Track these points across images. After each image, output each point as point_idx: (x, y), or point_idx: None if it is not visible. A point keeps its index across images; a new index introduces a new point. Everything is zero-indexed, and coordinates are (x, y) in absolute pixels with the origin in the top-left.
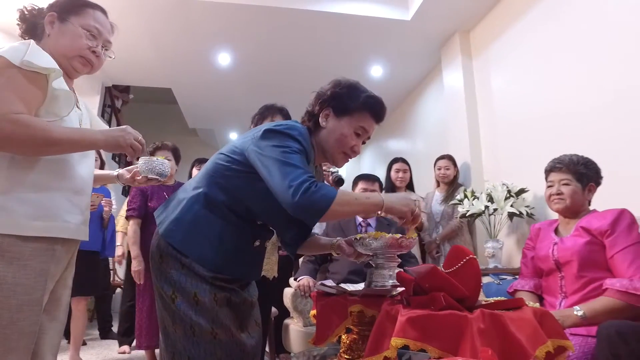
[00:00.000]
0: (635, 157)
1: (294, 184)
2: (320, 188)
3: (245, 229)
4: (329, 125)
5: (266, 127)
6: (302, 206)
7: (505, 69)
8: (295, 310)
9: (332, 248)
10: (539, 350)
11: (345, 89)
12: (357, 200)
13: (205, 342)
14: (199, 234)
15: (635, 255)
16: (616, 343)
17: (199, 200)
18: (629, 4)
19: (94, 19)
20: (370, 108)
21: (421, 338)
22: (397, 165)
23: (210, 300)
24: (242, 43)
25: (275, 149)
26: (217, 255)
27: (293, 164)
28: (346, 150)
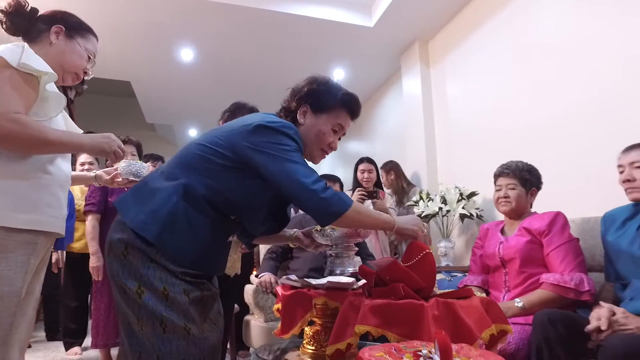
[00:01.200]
0: (571, 166)
1: (316, 188)
2: (339, 194)
3: (222, 224)
4: (307, 122)
5: (258, 122)
6: (327, 205)
7: (460, 78)
8: (257, 306)
9: (289, 239)
10: (485, 333)
11: (322, 86)
12: (369, 214)
13: (177, 339)
14: (176, 227)
15: (566, 252)
16: (547, 328)
17: (178, 192)
18: (576, 24)
19: (93, 45)
20: (347, 105)
21: (382, 325)
22: (362, 166)
23: (181, 294)
24: (206, 40)
25: (273, 145)
26: (193, 250)
27: (300, 162)
28: (324, 147)
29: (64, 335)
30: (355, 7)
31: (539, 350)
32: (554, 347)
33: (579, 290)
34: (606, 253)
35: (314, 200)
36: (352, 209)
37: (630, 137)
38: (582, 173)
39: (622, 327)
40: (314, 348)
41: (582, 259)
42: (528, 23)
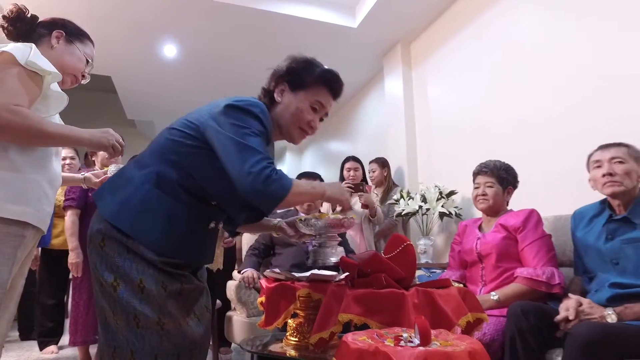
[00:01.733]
0: (545, 166)
1: (253, 171)
2: (280, 177)
3: (200, 210)
4: (285, 100)
5: (226, 102)
6: (260, 194)
7: (441, 80)
8: (239, 302)
9: (273, 229)
10: (462, 320)
11: (301, 63)
12: (307, 190)
13: (150, 334)
14: (149, 215)
15: (539, 248)
16: (520, 319)
17: (150, 179)
18: (554, 30)
19: (91, 50)
20: (327, 82)
21: (364, 313)
22: (348, 164)
23: (158, 287)
24: (190, 36)
25: (235, 128)
26: (169, 238)
27: (253, 148)
28: (302, 126)
29: (39, 334)
30: (339, 7)
31: (513, 340)
32: (526, 337)
33: (550, 283)
34: (575, 248)
35: (251, 188)
36: (291, 194)
37: (600, 140)
38: (555, 173)
39: (587, 316)
40: (297, 340)
41: (554, 254)
42: (507, 28)
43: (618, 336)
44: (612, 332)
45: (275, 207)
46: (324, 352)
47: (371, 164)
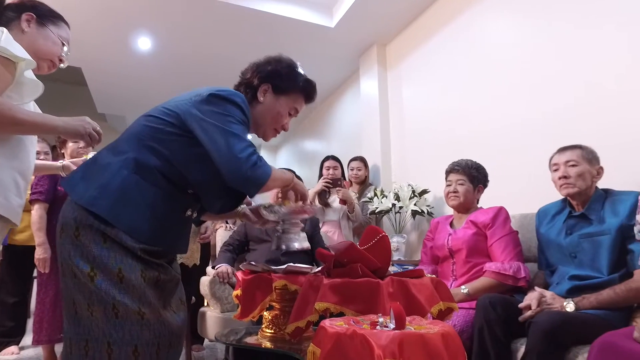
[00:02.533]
0: (513, 167)
1: (242, 156)
2: (264, 163)
3: (178, 197)
4: (267, 101)
5: (209, 91)
6: (249, 178)
7: (415, 82)
8: (213, 297)
9: (237, 215)
10: (434, 308)
11: (285, 68)
12: (280, 176)
13: (130, 324)
14: (128, 201)
15: (507, 243)
16: (488, 311)
17: (128, 165)
18: (524, 37)
19: (66, 32)
20: (306, 92)
21: (341, 302)
22: (327, 163)
23: (137, 276)
24: (165, 30)
25: (219, 116)
26: (149, 225)
27: (238, 135)
28: (278, 127)
29: None
30: (317, 7)
31: (481, 330)
32: (493, 328)
33: (516, 277)
34: (539, 244)
35: (242, 172)
36: (271, 179)
37: (561, 143)
38: (522, 173)
39: (549, 306)
40: (272, 331)
41: (520, 250)
42: (480, 34)
43: (575, 324)
44: (569, 320)
45: (258, 192)
46: (299, 342)
47: (356, 162)
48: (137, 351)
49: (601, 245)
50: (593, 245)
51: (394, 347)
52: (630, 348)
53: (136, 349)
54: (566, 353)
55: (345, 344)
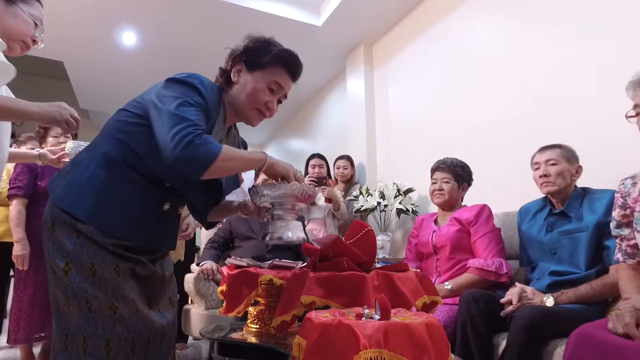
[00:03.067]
0: (496, 165)
1: (177, 136)
2: (205, 142)
3: (152, 190)
4: (241, 80)
5: (169, 77)
6: (181, 159)
7: (401, 82)
8: (198, 294)
9: (239, 209)
10: (418, 301)
11: (258, 42)
12: (241, 155)
13: (103, 318)
14: (96, 196)
15: (490, 240)
16: (471, 306)
17: (96, 160)
18: (505, 39)
19: (38, 10)
20: (285, 62)
21: (326, 295)
22: (313, 161)
23: (111, 270)
24: (150, 25)
25: (171, 100)
26: (119, 220)
27: (181, 115)
28: (259, 107)
29: None
30: (304, 5)
31: (464, 325)
32: (476, 322)
33: (498, 273)
34: (520, 241)
35: (172, 153)
36: (220, 159)
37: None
38: (505, 172)
39: (529, 301)
40: (258, 327)
41: (503, 247)
42: (465, 34)
43: (554, 318)
44: (549, 314)
45: (204, 173)
46: (285, 337)
47: (342, 161)
48: (110, 346)
49: (579, 241)
50: (572, 241)
51: (379, 337)
52: (605, 338)
53: (108, 344)
54: (545, 346)
55: (331, 334)
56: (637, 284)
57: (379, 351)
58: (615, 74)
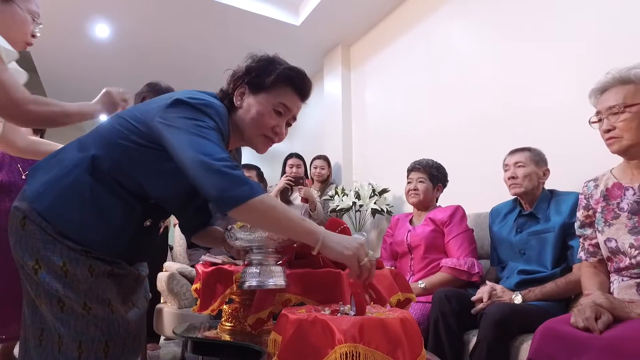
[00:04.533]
0: (469, 167)
1: (212, 159)
2: (244, 175)
3: (135, 206)
4: (245, 104)
5: (177, 96)
6: (227, 186)
7: (377, 83)
8: (171, 293)
9: (222, 243)
10: (393, 298)
11: (261, 62)
12: (288, 214)
13: (75, 319)
14: (76, 204)
15: (462, 240)
16: (443, 303)
17: (83, 163)
18: (478, 45)
19: (35, 3)
20: (291, 81)
21: (302, 292)
22: (291, 161)
23: (84, 271)
24: (125, 17)
25: (187, 120)
26: (94, 230)
27: (210, 139)
28: (266, 132)
29: None
30: (283, 4)
31: (436, 322)
32: (448, 320)
33: (470, 272)
34: (492, 241)
35: (211, 178)
36: (260, 200)
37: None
38: (478, 173)
39: (499, 298)
40: (232, 324)
41: (475, 247)
42: (441, 39)
43: (522, 314)
44: (517, 311)
45: (233, 209)
46: (260, 335)
47: (319, 161)
48: (81, 347)
49: (547, 242)
50: (539, 242)
51: (354, 332)
52: (567, 331)
53: (80, 345)
54: (513, 341)
55: (306, 330)
56: (598, 280)
57: (354, 346)
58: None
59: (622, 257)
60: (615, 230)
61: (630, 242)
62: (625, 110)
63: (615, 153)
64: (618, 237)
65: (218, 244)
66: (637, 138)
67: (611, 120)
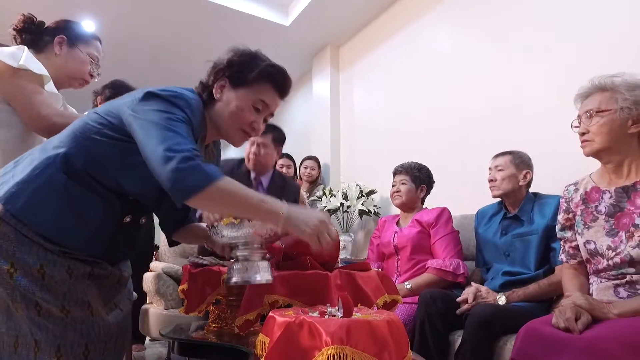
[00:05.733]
0: (456, 169)
1: (172, 152)
2: (206, 165)
3: (113, 202)
4: (224, 97)
5: (148, 89)
6: (174, 176)
7: (366, 85)
8: (157, 294)
9: (204, 240)
10: (380, 299)
11: (244, 56)
12: (247, 195)
13: (53, 322)
14: (49, 201)
15: (448, 242)
16: (429, 304)
17: (56, 162)
18: (463, 49)
19: (96, 48)
20: (272, 78)
21: (290, 294)
22: (281, 161)
23: (62, 272)
24: (112, 14)
25: (156, 113)
26: (72, 229)
27: (177, 131)
28: (244, 127)
29: None
30: (273, 4)
31: (422, 322)
32: (433, 320)
33: (455, 273)
34: (477, 243)
35: (166, 169)
36: (215, 186)
37: (498, 149)
38: (464, 175)
39: (484, 299)
40: (219, 326)
41: (460, 248)
42: (428, 43)
43: (505, 315)
44: (501, 312)
45: (191, 198)
46: (247, 336)
47: (310, 161)
48: (60, 352)
49: (530, 244)
50: (523, 244)
51: (341, 334)
52: (549, 332)
53: (59, 350)
54: (497, 342)
55: (294, 332)
56: (578, 282)
57: (341, 348)
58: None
59: (600, 259)
60: (594, 233)
61: (607, 244)
62: (597, 115)
63: (587, 155)
64: (596, 240)
65: (200, 241)
66: (608, 142)
67: (586, 124)
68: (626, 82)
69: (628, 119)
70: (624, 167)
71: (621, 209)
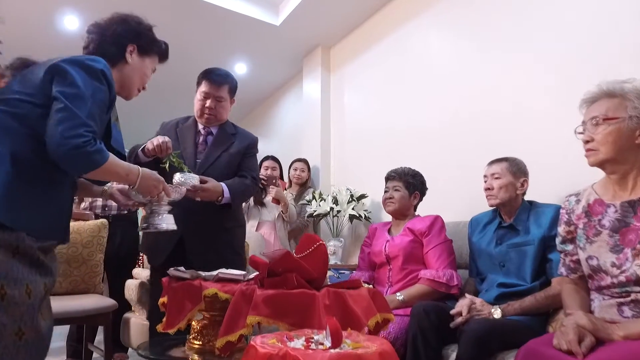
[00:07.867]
0: (448, 175)
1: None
2: (97, 150)
3: (65, 181)
4: (134, 62)
5: (65, 59)
6: (67, 158)
7: (357, 87)
8: (139, 302)
9: (103, 194)
10: (371, 320)
11: (148, 31)
12: (122, 168)
13: (4, 345)
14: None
15: (442, 252)
16: (422, 318)
17: (4, 161)
18: (454, 52)
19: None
20: (163, 53)
21: (274, 315)
22: (267, 163)
23: (22, 293)
24: (96, 10)
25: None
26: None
27: (76, 113)
28: (141, 87)
29: None
30: (263, 3)
31: (415, 337)
32: (426, 335)
33: (449, 284)
34: (470, 252)
35: (61, 151)
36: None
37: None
38: (457, 181)
39: (478, 312)
40: (200, 343)
41: (454, 258)
42: (419, 46)
43: (501, 330)
44: (497, 327)
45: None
46: (230, 356)
47: (300, 163)
48: None
49: (526, 254)
50: (519, 254)
51: None
52: (550, 354)
53: None
54: (493, 359)
55: None
56: (578, 298)
57: None
58: (561, 90)
59: (604, 276)
60: (597, 248)
61: (612, 261)
62: (604, 123)
63: (592, 166)
64: (599, 255)
65: (95, 195)
66: (613, 153)
67: (591, 131)
68: (637, 89)
69: (636, 128)
70: (629, 180)
71: (627, 224)
